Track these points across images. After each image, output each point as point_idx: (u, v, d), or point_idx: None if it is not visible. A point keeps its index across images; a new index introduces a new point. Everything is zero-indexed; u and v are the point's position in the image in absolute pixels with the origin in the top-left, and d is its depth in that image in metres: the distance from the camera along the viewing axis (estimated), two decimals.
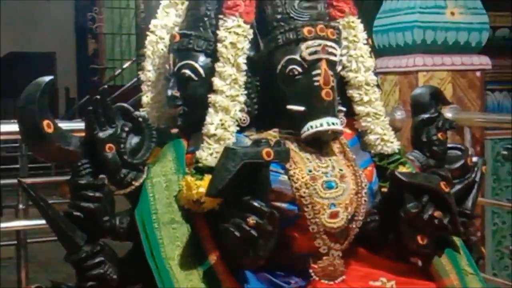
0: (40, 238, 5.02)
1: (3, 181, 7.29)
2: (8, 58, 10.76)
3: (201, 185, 1.71)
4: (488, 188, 4.56)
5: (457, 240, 1.90)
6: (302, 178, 1.78)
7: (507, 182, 4.91)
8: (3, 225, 5.13)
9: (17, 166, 6.94)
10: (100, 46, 14.63)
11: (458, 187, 1.98)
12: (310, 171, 1.79)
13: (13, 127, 3.05)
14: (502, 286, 4.10)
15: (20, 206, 4.76)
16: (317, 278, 1.80)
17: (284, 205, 1.76)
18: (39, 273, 4.75)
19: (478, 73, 3.51)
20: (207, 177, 1.70)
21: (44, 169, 8.96)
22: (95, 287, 1.74)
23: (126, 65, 13.72)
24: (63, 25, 13.43)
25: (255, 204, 1.64)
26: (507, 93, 5.06)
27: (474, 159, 2.09)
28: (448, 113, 2.09)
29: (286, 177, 1.77)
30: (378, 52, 1.92)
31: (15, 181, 5.12)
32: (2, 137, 4.24)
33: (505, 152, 4.77)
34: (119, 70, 14.03)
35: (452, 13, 3.35)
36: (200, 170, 1.75)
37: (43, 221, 3.39)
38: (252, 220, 1.63)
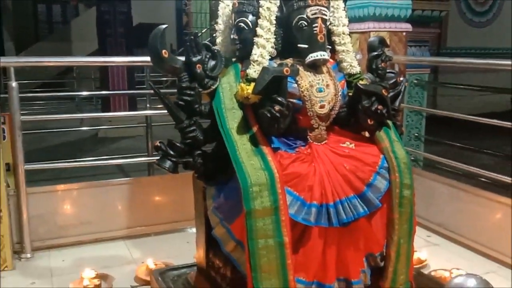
0: (158, 123, 5.06)
1: (137, 92, 7.34)
2: (138, 26, 10.60)
3: (249, 88, 1.68)
4: (405, 100, 4.54)
5: (390, 122, 1.88)
6: (305, 85, 1.74)
7: (415, 98, 4.89)
8: (139, 113, 5.16)
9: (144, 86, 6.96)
10: (189, 20, 14.34)
11: (392, 93, 1.93)
12: (309, 82, 1.76)
13: (142, 58, 3.05)
14: (409, 151, 4.16)
15: (148, 105, 4.79)
16: (311, 141, 1.80)
17: (294, 100, 1.73)
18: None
19: (404, 34, 3.42)
20: (252, 84, 1.68)
21: (159, 86, 8.99)
22: (190, 143, 1.76)
23: (203, 31, 13.47)
24: (169, 7, 13.17)
25: (279, 98, 1.61)
26: (418, 47, 4.99)
27: (401, 78, 2.03)
28: (387, 53, 2.02)
29: (296, 85, 1.74)
30: (348, 20, 1.88)
31: (144, 91, 5.16)
32: (136, 64, 4.27)
33: (415, 81, 4.77)
34: (200, 34, 13.84)
35: None
36: (248, 80, 1.72)
37: (159, 112, 3.42)
38: (277, 107, 1.61)
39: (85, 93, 4.65)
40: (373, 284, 1.78)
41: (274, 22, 1.76)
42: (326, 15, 1.77)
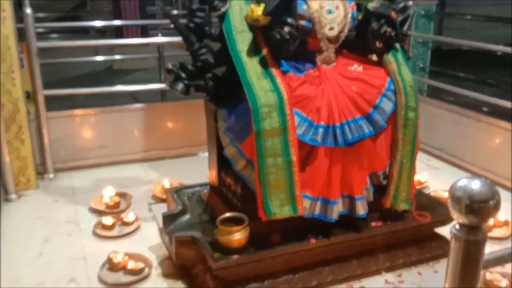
0: (170, 54, 4.95)
1: (149, 22, 7.17)
2: None
3: (259, 10, 1.61)
4: (412, 30, 4.37)
5: (397, 45, 1.82)
6: (314, 7, 1.67)
7: (421, 29, 4.70)
8: (151, 39, 4.98)
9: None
10: None
11: (400, 17, 1.85)
12: (319, 3, 1.68)
13: None
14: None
15: (159, 35, 4.66)
16: (320, 64, 1.75)
17: (304, 22, 1.66)
18: None
19: None
20: (262, 5, 1.61)
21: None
22: (201, 66, 1.72)
23: None
24: None
25: (289, 20, 1.56)
26: None
27: (410, 3, 1.94)
28: None
29: (306, 6, 1.67)
30: None
31: (156, 21, 4.97)
32: None
33: (423, 12, 4.53)
34: None
35: None
36: (258, 2, 1.65)
37: (170, 39, 3.32)
38: (286, 28, 1.56)
39: (98, 23, 4.51)
40: (375, 201, 1.80)
41: None
42: None
